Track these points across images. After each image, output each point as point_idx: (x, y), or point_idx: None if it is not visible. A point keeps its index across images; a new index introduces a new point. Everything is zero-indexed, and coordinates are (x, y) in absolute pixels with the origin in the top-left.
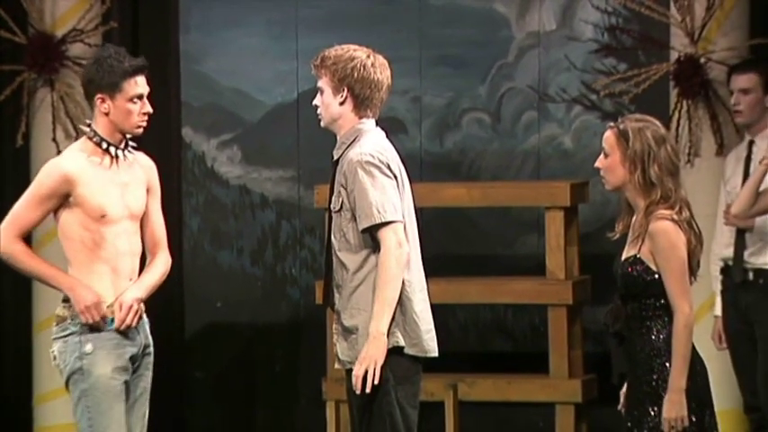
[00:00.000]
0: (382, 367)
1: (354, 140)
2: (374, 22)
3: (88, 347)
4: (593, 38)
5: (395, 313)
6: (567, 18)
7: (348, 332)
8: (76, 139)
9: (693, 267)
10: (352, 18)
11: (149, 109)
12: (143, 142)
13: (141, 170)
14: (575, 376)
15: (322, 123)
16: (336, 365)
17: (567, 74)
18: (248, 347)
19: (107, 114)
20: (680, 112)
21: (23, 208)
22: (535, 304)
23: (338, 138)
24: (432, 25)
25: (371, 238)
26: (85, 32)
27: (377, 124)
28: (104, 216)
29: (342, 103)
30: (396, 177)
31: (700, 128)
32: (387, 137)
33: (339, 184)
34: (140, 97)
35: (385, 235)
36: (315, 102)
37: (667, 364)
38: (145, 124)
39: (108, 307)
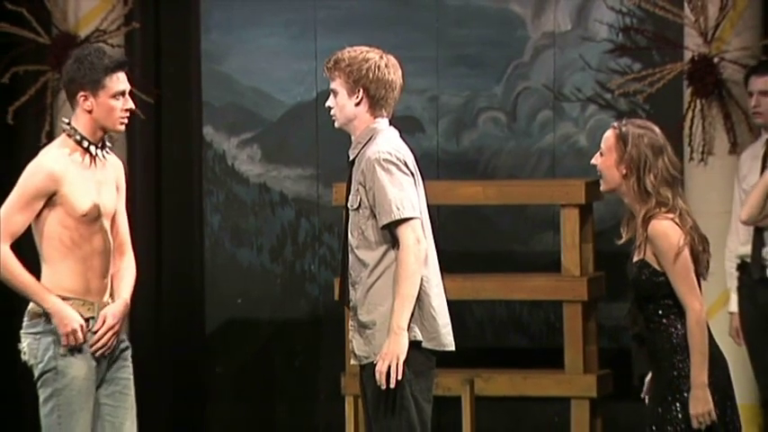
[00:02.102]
0: (404, 362)
1: (370, 140)
2: (392, 23)
3: (62, 349)
4: (608, 38)
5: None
6: (581, 18)
7: (364, 327)
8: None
9: (701, 272)
10: (370, 18)
11: (131, 105)
12: (165, 141)
13: (112, 169)
14: (590, 371)
15: (336, 124)
16: (352, 361)
17: (581, 73)
18: (268, 343)
19: (90, 112)
20: (694, 111)
21: (11, 212)
22: (550, 300)
23: (353, 138)
24: (448, 25)
25: (390, 234)
26: (108, 33)
27: (390, 123)
28: (85, 215)
29: (357, 104)
30: (412, 174)
31: (713, 126)
32: (402, 135)
33: (357, 182)
34: (123, 94)
35: (403, 232)
36: (328, 103)
37: (687, 360)
38: (127, 121)
39: (88, 319)
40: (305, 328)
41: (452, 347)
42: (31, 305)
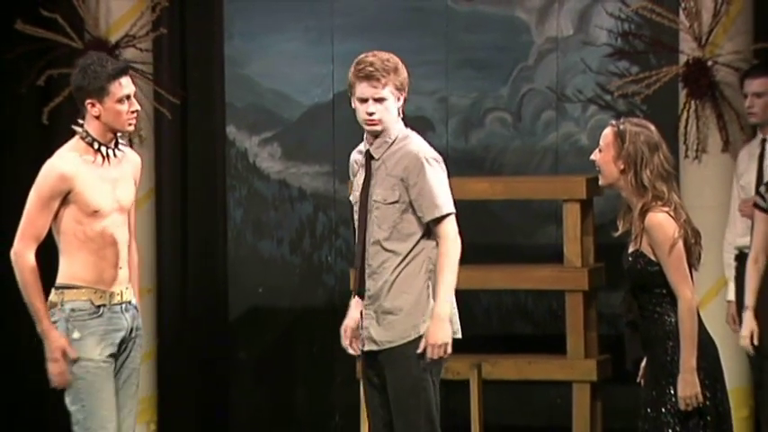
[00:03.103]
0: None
1: (396, 139)
2: (404, 28)
3: (76, 334)
4: (608, 42)
5: (430, 299)
6: (583, 24)
7: (388, 313)
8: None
9: (693, 262)
10: (384, 24)
11: (137, 107)
12: (190, 140)
13: (129, 165)
14: (590, 357)
15: (379, 128)
16: (367, 347)
17: (583, 76)
18: (287, 330)
19: (98, 117)
20: (688, 111)
21: (32, 215)
22: (553, 290)
23: (377, 137)
24: (457, 31)
25: (424, 227)
26: (137, 38)
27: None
28: (96, 212)
29: (400, 106)
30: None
31: (707, 126)
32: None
33: (396, 178)
34: (128, 97)
35: (446, 225)
36: (371, 109)
37: (679, 346)
38: (135, 121)
39: (99, 306)
40: (322, 315)
41: (459, 335)
42: (51, 295)
